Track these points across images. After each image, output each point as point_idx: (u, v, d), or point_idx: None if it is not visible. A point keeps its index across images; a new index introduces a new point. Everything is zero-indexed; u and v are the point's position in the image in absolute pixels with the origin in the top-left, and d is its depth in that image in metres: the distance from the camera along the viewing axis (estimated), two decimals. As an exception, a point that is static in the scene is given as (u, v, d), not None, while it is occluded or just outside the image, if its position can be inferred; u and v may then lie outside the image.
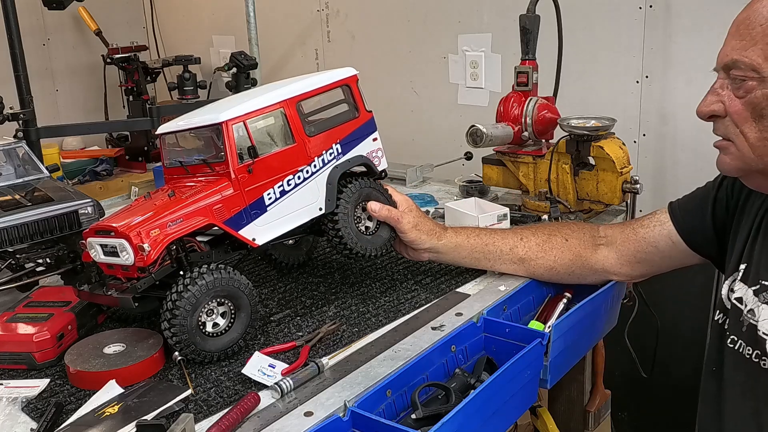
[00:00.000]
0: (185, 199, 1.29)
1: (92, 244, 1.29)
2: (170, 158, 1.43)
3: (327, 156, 1.44)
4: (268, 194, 1.36)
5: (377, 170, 1.54)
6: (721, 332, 1.23)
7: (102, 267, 1.31)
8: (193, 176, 1.38)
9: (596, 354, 1.95)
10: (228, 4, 3.28)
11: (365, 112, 1.52)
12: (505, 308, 1.47)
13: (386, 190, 1.55)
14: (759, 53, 1.06)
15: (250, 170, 1.33)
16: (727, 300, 1.23)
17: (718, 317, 1.25)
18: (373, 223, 1.52)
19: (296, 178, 1.39)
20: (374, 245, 1.50)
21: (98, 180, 2.57)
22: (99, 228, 1.29)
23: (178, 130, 1.42)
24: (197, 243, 1.36)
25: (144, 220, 1.24)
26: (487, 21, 2.54)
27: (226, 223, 1.31)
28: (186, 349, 1.24)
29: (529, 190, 1.98)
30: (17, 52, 2.03)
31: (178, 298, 1.22)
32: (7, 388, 1.22)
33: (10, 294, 1.54)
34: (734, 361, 1.19)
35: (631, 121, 2.27)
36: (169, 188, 1.35)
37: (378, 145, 1.54)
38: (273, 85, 1.54)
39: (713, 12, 2.04)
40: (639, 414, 2.48)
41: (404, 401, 1.20)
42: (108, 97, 3.13)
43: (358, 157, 1.50)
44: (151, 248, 1.21)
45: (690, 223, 1.38)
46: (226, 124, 1.30)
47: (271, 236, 1.37)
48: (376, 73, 2.84)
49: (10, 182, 1.65)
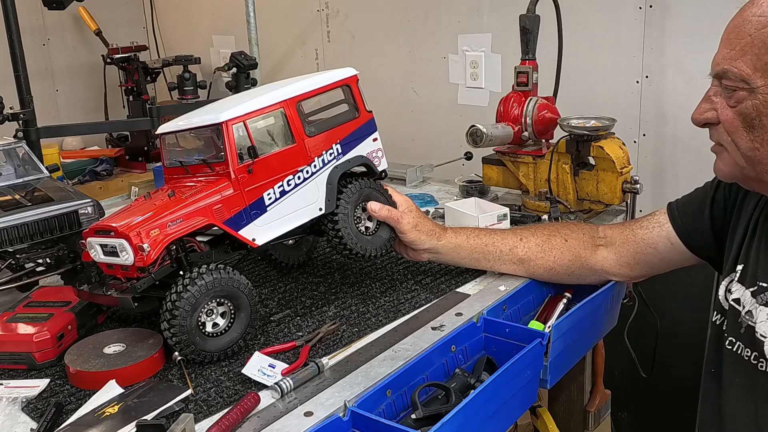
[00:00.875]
0: (185, 199, 1.29)
1: (92, 244, 1.28)
2: (170, 158, 1.43)
3: (327, 156, 1.44)
4: (268, 194, 1.36)
5: (377, 170, 1.54)
6: (719, 334, 1.23)
7: (102, 267, 1.31)
8: (193, 176, 1.38)
9: (596, 354, 1.95)
10: (228, 4, 3.28)
11: (365, 113, 1.51)
12: (505, 308, 1.47)
13: (386, 191, 1.55)
14: (749, 63, 1.04)
15: (250, 170, 1.33)
16: (725, 301, 1.22)
17: (715, 318, 1.25)
18: (373, 223, 1.52)
19: (296, 178, 1.39)
20: (374, 245, 1.50)
21: (98, 180, 2.57)
22: (99, 228, 1.29)
23: (178, 130, 1.41)
24: (197, 243, 1.36)
25: (144, 220, 1.24)
26: (487, 21, 2.54)
27: (226, 223, 1.31)
28: (186, 349, 1.24)
29: (529, 190, 1.98)
30: (17, 52, 2.03)
31: (178, 298, 1.22)
32: (7, 388, 1.22)
33: (10, 294, 1.54)
34: (733, 362, 1.18)
35: (631, 121, 2.27)
36: (169, 188, 1.35)
37: (378, 146, 1.54)
38: (273, 85, 1.53)
39: (713, 12, 2.04)
40: (639, 414, 2.48)
41: (404, 401, 1.20)
42: (108, 97, 3.13)
43: (358, 157, 1.50)
44: (151, 248, 1.21)
45: (689, 224, 1.37)
46: (226, 124, 1.30)
47: (271, 236, 1.37)
48: (376, 73, 2.84)
49: (10, 182, 1.65)
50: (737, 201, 1.28)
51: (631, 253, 1.46)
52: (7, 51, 2.04)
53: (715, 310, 1.26)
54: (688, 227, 1.37)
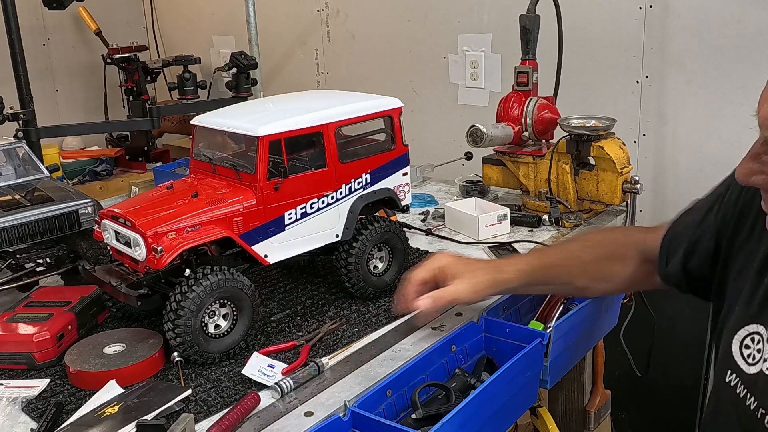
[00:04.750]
0: (207, 204, 1.27)
1: (107, 226, 1.28)
2: (200, 151, 1.42)
3: (355, 184, 1.41)
4: (289, 214, 1.33)
5: (401, 205, 1.51)
6: (735, 400, 1.03)
7: (112, 250, 1.32)
8: (219, 177, 1.36)
9: (596, 354, 1.95)
10: (228, 4, 3.28)
11: (401, 146, 1.48)
12: (505, 308, 1.46)
13: (406, 238, 1.52)
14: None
15: (276, 188, 1.31)
16: (743, 361, 1.03)
17: (729, 379, 1.05)
18: (383, 265, 1.50)
19: (320, 202, 1.37)
20: (376, 288, 1.49)
21: (98, 180, 2.58)
22: (118, 215, 1.27)
23: (215, 128, 1.39)
24: (209, 247, 1.34)
25: (163, 218, 1.23)
26: (487, 21, 2.54)
27: (242, 236, 1.29)
28: (189, 350, 1.23)
29: (529, 190, 1.98)
30: (17, 52, 2.04)
31: (183, 298, 1.21)
32: (7, 388, 1.22)
33: (10, 294, 1.54)
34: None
35: (631, 121, 2.27)
36: (193, 184, 1.34)
37: (407, 180, 1.50)
38: (313, 95, 1.47)
39: (713, 12, 2.04)
40: (639, 414, 2.48)
41: (404, 401, 1.20)
42: (108, 97, 3.13)
43: (385, 189, 1.46)
44: (165, 252, 1.20)
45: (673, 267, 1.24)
46: (263, 139, 1.28)
47: (284, 256, 1.35)
48: (376, 73, 2.84)
49: (10, 182, 1.65)
50: (735, 226, 1.14)
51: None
52: (7, 51, 2.04)
53: (726, 368, 1.06)
54: (673, 269, 1.25)
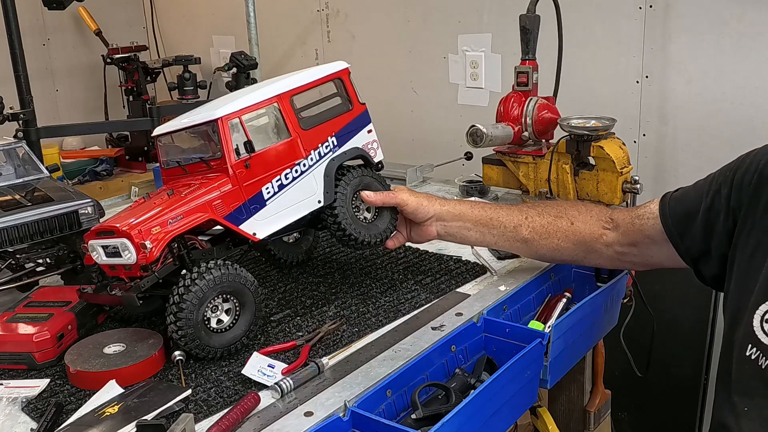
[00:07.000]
0: (184, 196, 1.29)
1: (94, 246, 1.29)
2: (167, 159, 1.44)
3: (323, 149, 1.44)
4: (267, 188, 1.36)
5: (374, 161, 1.55)
6: (761, 374, 1.06)
7: (104, 269, 1.31)
8: (191, 175, 1.38)
9: (596, 354, 1.95)
10: (228, 4, 3.28)
11: (359, 105, 1.52)
12: (505, 308, 1.47)
13: (384, 180, 1.55)
14: None
15: (247, 165, 1.33)
16: (764, 335, 1.06)
17: (750, 352, 1.08)
18: (371, 213, 1.52)
19: (293, 171, 1.40)
20: (373, 233, 1.49)
21: (98, 180, 2.57)
22: (100, 229, 1.29)
23: (175, 130, 1.42)
24: (198, 240, 1.36)
25: (144, 219, 1.25)
26: (487, 21, 2.54)
27: (227, 218, 1.31)
28: (191, 343, 1.24)
29: (529, 190, 1.98)
30: (17, 52, 2.03)
31: (186, 291, 1.22)
32: (7, 388, 1.22)
33: (10, 294, 1.54)
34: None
35: (631, 121, 2.27)
36: (168, 188, 1.36)
37: (373, 137, 1.55)
38: (266, 81, 1.54)
39: (713, 12, 2.04)
40: (639, 414, 2.48)
41: (404, 401, 1.20)
42: (108, 97, 3.13)
43: (354, 149, 1.50)
44: (153, 245, 1.22)
45: (679, 227, 1.28)
46: (222, 120, 1.31)
47: (272, 230, 1.37)
48: (376, 73, 2.84)
49: (10, 182, 1.65)
50: (748, 206, 1.15)
51: (631, 242, 1.40)
52: (7, 51, 2.04)
53: (746, 341, 1.09)
54: (679, 229, 1.29)
